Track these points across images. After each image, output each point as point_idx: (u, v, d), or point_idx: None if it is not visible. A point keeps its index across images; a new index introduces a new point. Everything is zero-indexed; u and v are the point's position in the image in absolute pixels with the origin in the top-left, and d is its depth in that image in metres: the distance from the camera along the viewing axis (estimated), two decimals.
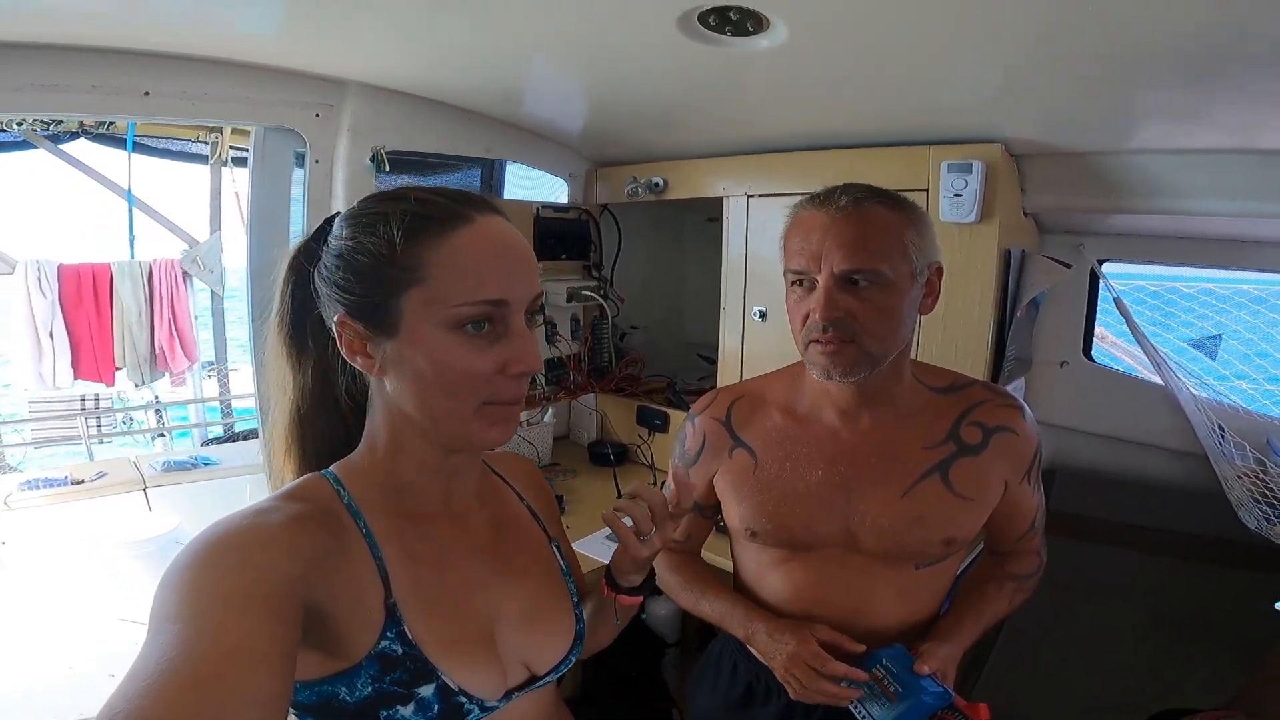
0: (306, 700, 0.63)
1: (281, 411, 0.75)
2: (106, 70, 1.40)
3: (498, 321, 0.65)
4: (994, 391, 1.08)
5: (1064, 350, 1.97)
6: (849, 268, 0.93)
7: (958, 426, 1.04)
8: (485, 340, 0.65)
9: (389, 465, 0.71)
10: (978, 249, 1.58)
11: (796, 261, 0.96)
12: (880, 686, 0.96)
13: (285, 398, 0.75)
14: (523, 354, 0.66)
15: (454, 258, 0.64)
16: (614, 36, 1.37)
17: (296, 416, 0.75)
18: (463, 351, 0.64)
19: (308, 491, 0.68)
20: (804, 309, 0.97)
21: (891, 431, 1.04)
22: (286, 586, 0.56)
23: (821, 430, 1.06)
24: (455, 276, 0.64)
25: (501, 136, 2.12)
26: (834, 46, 1.29)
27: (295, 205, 1.78)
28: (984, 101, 1.46)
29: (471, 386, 0.65)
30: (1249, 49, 1.04)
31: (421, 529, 0.72)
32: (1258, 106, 1.24)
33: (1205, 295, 2.44)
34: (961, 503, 1.02)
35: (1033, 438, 1.06)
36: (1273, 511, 1.59)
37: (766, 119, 1.80)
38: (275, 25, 1.39)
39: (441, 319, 0.64)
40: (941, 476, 1.02)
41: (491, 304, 0.64)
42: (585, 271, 2.52)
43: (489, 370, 0.65)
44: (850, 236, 0.93)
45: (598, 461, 2.44)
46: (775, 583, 1.11)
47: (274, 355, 0.75)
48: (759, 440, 1.09)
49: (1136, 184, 1.55)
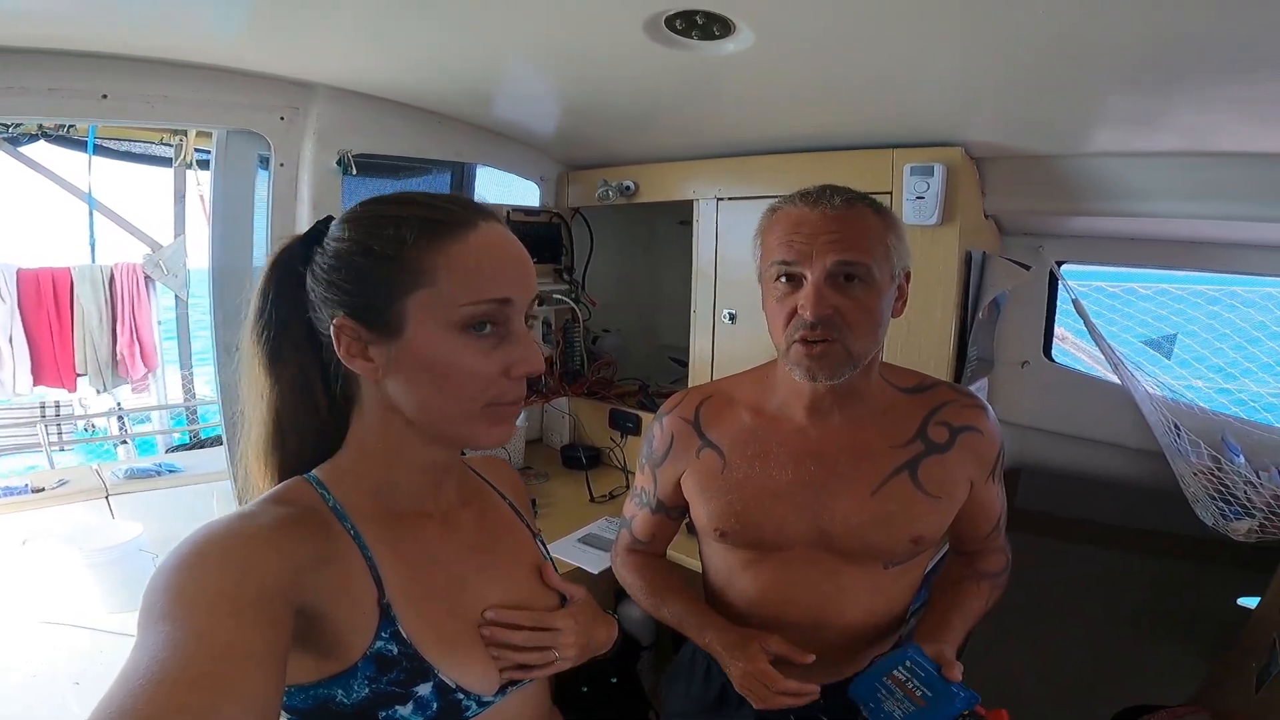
0: (303, 704, 0.63)
1: (259, 420, 0.74)
2: (64, 73, 1.37)
3: (500, 323, 0.66)
4: (959, 392, 1.10)
5: (1025, 350, 2.01)
6: (845, 259, 0.93)
7: (925, 426, 1.05)
8: (490, 342, 0.66)
9: (380, 467, 0.71)
10: (939, 251, 1.61)
11: (784, 253, 0.95)
12: (903, 689, 0.92)
13: (262, 404, 0.73)
14: (526, 356, 0.67)
15: (460, 260, 0.65)
16: (582, 40, 1.37)
17: (276, 424, 0.73)
18: (468, 353, 0.65)
19: (293, 495, 0.68)
20: (789, 306, 0.96)
21: (860, 431, 1.05)
22: (276, 588, 0.56)
23: (790, 429, 1.07)
24: (462, 278, 0.64)
25: (472, 140, 2.11)
26: (799, 52, 1.30)
27: (259, 208, 1.76)
28: (945, 106, 1.49)
29: (477, 387, 0.66)
30: (1200, 57, 1.08)
31: (410, 529, 0.72)
32: (1209, 111, 1.28)
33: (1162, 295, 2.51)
34: (930, 501, 1.03)
35: (996, 437, 1.08)
36: (1228, 508, 1.63)
37: (735, 123, 1.81)
38: (239, 28, 1.37)
39: (447, 320, 0.64)
40: (910, 475, 1.03)
41: (497, 302, 0.65)
42: (557, 275, 2.52)
43: (494, 372, 0.66)
44: (844, 234, 0.94)
45: (570, 465, 2.43)
46: (744, 584, 1.11)
47: (249, 362, 0.73)
48: (727, 440, 1.10)
49: (1093, 187, 1.59)
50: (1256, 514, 1.58)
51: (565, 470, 2.43)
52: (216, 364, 1.80)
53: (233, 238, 1.75)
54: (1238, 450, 1.74)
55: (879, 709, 0.93)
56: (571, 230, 2.53)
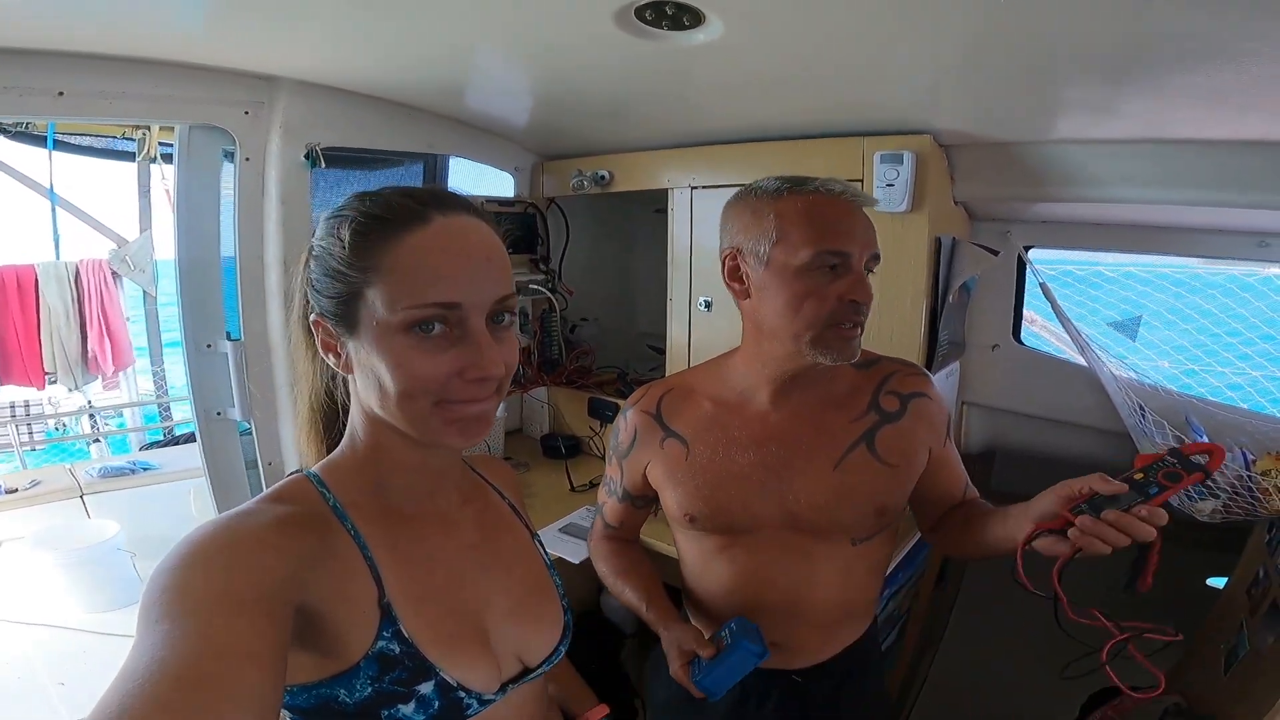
0: (305, 704, 0.63)
1: (302, 400, 0.79)
2: (18, 71, 1.34)
3: (454, 324, 0.64)
4: (902, 363, 1.15)
5: (995, 334, 2.04)
6: (876, 251, 1.01)
7: (876, 397, 1.10)
8: (439, 343, 0.64)
9: (369, 463, 0.72)
10: (910, 237, 1.63)
11: (835, 243, 0.97)
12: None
13: (305, 387, 0.78)
14: (477, 359, 0.64)
15: (405, 259, 0.63)
16: (552, 30, 1.36)
17: (318, 407, 0.78)
18: (415, 354, 0.63)
19: (293, 494, 0.68)
20: (833, 293, 0.97)
21: (818, 409, 1.09)
22: (277, 587, 0.56)
23: (751, 414, 1.10)
24: (404, 278, 0.63)
25: (444, 131, 2.09)
26: (769, 41, 1.31)
27: (226, 202, 1.73)
28: (913, 94, 1.50)
29: (423, 388, 0.64)
30: (1154, 49, 1.10)
31: (409, 528, 0.73)
32: (1167, 100, 1.30)
33: (1128, 279, 2.56)
34: (889, 470, 1.07)
35: (943, 401, 1.14)
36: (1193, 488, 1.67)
37: (708, 112, 1.81)
38: (199, 22, 1.34)
39: (392, 321, 0.63)
40: (868, 445, 1.07)
41: (441, 307, 0.63)
42: (533, 265, 2.51)
43: (443, 373, 0.64)
44: (870, 226, 1.01)
45: (550, 454, 2.44)
46: (718, 570, 1.14)
47: (297, 347, 0.76)
48: (690, 429, 1.12)
49: (1057, 173, 1.61)
50: (1221, 494, 1.61)
51: (545, 460, 2.43)
52: (187, 359, 1.78)
53: (199, 233, 1.72)
54: (1201, 431, 1.78)
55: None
56: (547, 220, 2.52)
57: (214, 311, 1.77)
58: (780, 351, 1.04)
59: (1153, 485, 0.86)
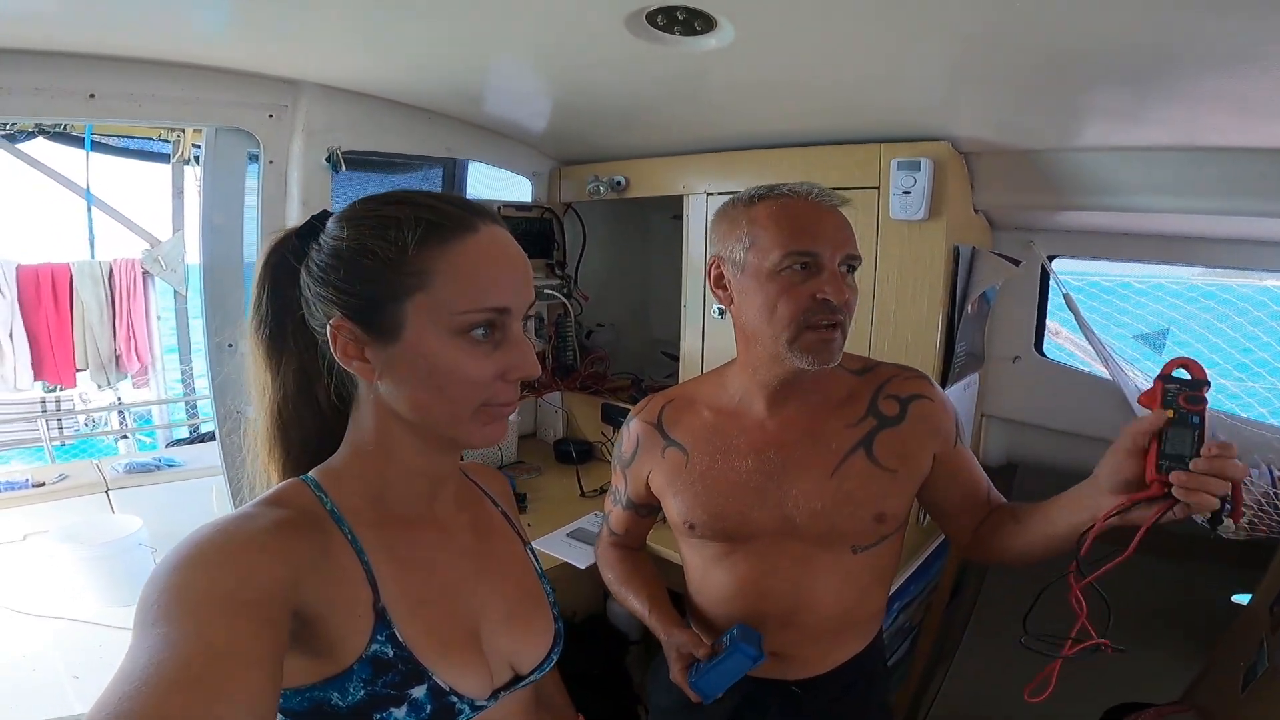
0: (298, 706, 0.63)
1: (262, 413, 0.75)
2: (50, 73, 1.38)
3: (499, 328, 0.67)
4: (900, 367, 1.14)
5: (1017, 346, 2.00)
6: (851, 252, 1.01)
7: (875, 401, 1.09)
8: (486, 347, 0.66)
9: (375, 468, 0.71)
10: (926, 246, 1.60)
11: (803, 243, 0.98)
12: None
13: (265, 399, 0.74)
14: (522, 361, 0.68)
15: (460, 265, 0.65)
16: (567, 37, 1.37)
17: (278, 419, 0.74)
18: (466, 358, 0.65)
19: (290, 497, 0.68)
20: (805, 292, 0.98)
21: (815, 415, 1.08)
22: (274, 590, 0.56)
23: (750, 422, 1.10)
24: (462, 283, 0.65)
25: (463, 136, 2.11)
26: (780, 46, 1.30)
27: (249, 205, 1.76)
28: (931, 102, 1.49)
29: (473, 391, 0.67)
30: (1187, 53, 1.08)
31: (406, 533, 0.73)
32: (1189, 106, 1.27)
33: (1157, 290, 2.50)
34: (887, 475, 1.05)
35: (947, 402, 1.12)
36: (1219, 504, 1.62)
37: (722, 118, 1.81)
38: (226, 27, 1.38)
39: (447, 325, 0.65)
40: (866, 451, 1.06)
41: (496, 311, 0.66)
42: (549, 270, 2.52)
43: (489, 376, 0.67)
44: (845, 229, 1.02)
45: (563, 459, 2.44)
46: (719, 578, 1.13)
47: (252, 356, 0.74)
48: (690, 438, 1.13)
49: (1080, 181, 1.58)
50: (1246, 511, 1.57)
51: (558, 464, 2.44)
52: (208, 360, 1.81)
53: (223, 235, 1.76)
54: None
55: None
56: (564, 225, 2.53)
57: (236, 312, 1.80)
58: (765, 356, 1.04)
59: (1190, 415, 0.82)
